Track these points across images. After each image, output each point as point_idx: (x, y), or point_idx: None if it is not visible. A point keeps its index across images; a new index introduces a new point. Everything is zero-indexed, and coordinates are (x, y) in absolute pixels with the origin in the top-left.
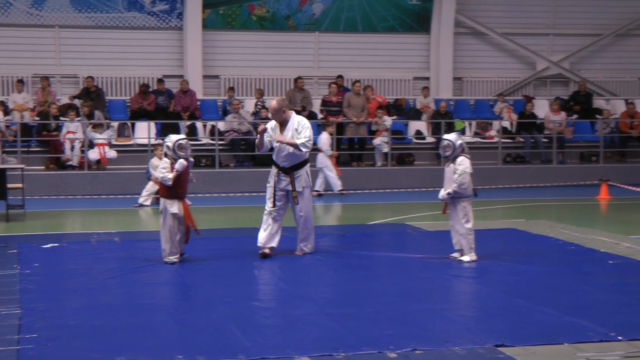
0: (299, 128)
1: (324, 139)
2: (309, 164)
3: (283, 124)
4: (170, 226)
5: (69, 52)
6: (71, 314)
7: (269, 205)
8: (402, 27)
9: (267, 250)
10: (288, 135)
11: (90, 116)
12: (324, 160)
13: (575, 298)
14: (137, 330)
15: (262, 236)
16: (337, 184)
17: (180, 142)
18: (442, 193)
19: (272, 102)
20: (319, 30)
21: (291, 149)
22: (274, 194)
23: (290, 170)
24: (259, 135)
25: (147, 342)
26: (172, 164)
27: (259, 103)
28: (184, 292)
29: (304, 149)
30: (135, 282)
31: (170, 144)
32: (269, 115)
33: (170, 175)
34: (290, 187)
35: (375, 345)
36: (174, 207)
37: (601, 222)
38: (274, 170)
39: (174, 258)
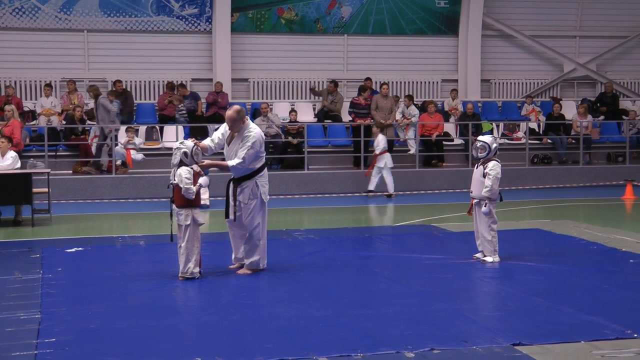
0: (244, 141)
1: None
2: (263, 173)
3: (237, 133)
4: (198, 237)
5: (97, 57)
6: (91, 317)
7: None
8: (431, 30)
9: (237, 265)
10: (234, 147)
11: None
12: None
13: (594, 297)
14: (157, 333)
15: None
16: None
17: (196, 147)
18: (484, 209)
19: (230, 112)
20: (348, 33)
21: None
22: (227, 204)
23: (238, 181)
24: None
25: (166, 344)
26: (195, 172)
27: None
28: (205, 295)
29: (234, 172)
30: (157, 285)
31: (188, 150)
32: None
33: (194, 189)
34: (240, 198)
35: (393, 346)
36: (201, 216)
37: (625, 222)
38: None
39: (198, 269)
